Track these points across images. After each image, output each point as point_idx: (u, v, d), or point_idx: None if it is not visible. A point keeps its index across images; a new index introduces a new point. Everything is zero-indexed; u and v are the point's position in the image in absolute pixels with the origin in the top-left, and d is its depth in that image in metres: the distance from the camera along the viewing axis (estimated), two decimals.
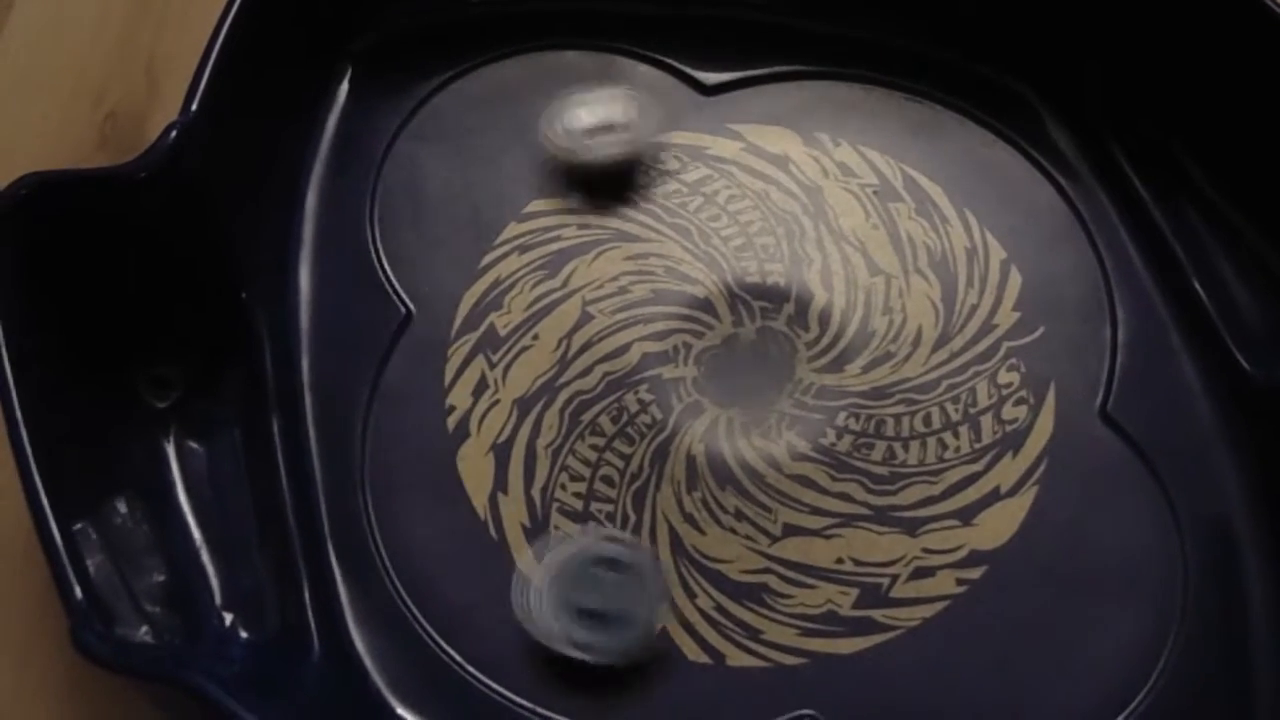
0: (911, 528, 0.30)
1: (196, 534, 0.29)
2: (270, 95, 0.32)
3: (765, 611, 0.29)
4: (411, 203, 0.33)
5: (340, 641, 0.29)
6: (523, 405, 0.31)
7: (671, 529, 0.30)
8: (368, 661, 0.29)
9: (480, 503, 0.30)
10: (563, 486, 0.31)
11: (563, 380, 0.32)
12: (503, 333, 0.32)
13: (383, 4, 0.35)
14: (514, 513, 0.30)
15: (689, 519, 0.30)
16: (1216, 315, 0.32)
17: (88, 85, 0.36)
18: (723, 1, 0.35)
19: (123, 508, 0.28)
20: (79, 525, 0.26)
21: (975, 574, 0.30)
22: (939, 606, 0.30)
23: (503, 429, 0.31)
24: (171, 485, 0.29)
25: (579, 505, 0.30)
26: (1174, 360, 0.32)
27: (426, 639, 0.29)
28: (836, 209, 0.34)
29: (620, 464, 0.31)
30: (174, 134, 0.28)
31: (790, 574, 0.30)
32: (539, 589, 0.28)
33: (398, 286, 0.32)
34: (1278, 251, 0.32)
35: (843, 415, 0.32)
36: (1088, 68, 0.35)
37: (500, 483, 0.31)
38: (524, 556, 0.30)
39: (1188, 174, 0.33)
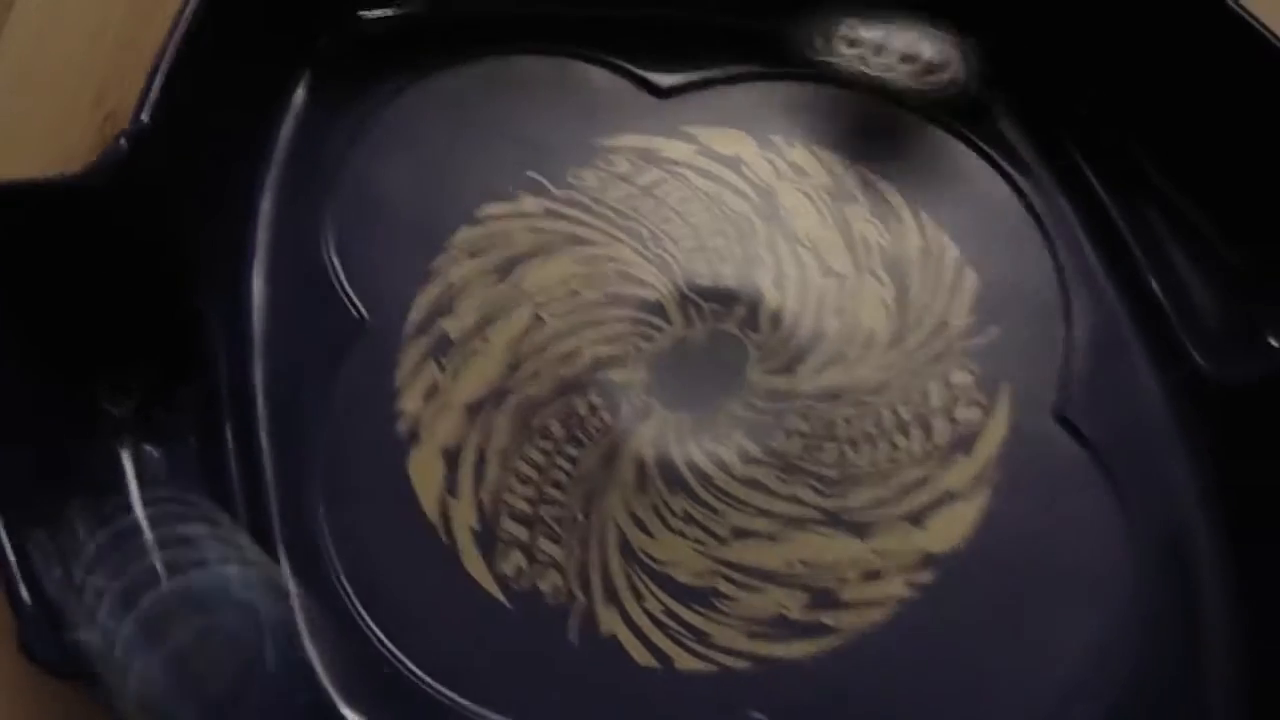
0: (862, 531, 0.30)
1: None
2: (224, 102, 0.32)
3: (714, 615, 0.29)
4: (365, 208, 0.34)
5: (292, 648, 0.29)
6: (473, 409, 0.31)
7: (620, 532, 0.30)
8: (317, 665, 0.29)
9: (430, 507, 0.30)
10: (511, 490, 0.31)
11: (513, 384, 0.32)
12: (454, 337, 0.32)
13: (338, 11, 0.35)
14: (464, 517, 0.30)
15: (638, 522, 0.30)
16: (1173, 314, 0.32)
17: (88, 85, 0.36)
18: (677, 3, 0.35)
19: (77, 514, 0.28)
20: (33, 531, 0.27)
21: (927, 577, 0.30)
22: (890, 610, 0.29)
23: (453, 433, 0.31)
24: (127, 492, 0.30)
25: (528, 509, 0.30)
26: (1130, 359, 0.32)
27: (376, 643, 0.29)
28: (790, 210, 0.34)
29: (569, 467, 0.31)
30: (124, 142, 0.29)
31: (740, 577, 0.30)
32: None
33: (350, 292, 0.32)
34: (1235, 249, 0.31)
35: (793, 418, 0.31)
36: (1042, 67, 0.34)
37: (450, 487, 0.31)
38: (473, 560, 0.30)
39: (1145, 172, 0.33)
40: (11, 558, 0.26)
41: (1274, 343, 0.30)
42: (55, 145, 0.35)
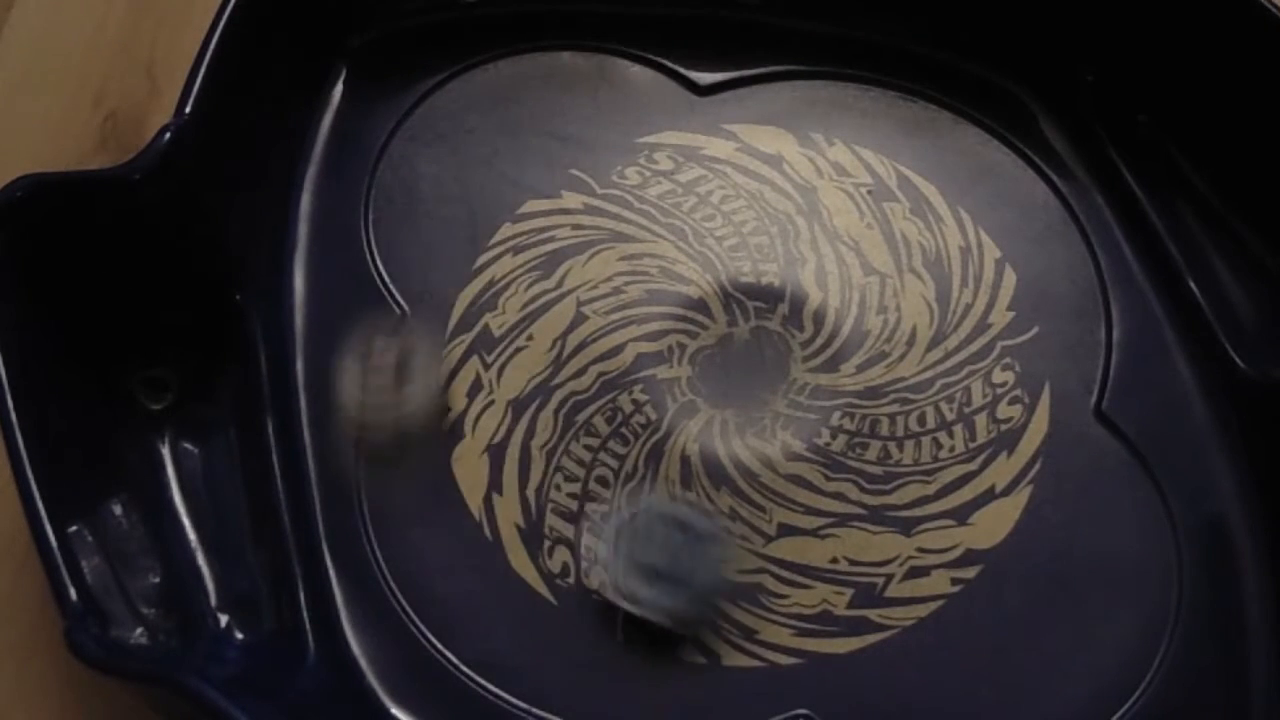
0: (906, 527, 0.30)
1: (192, 535, 0.29)
2: (265, 97, 0.32)
3: (760, 611, 0.30)
4: (406, 203, 0.33)
5: (335, 643, 0.29)
6: (517, 406, 0.31)
7: None
8: (363, 663, 0.29)
9: (475, 504, 0.30)
10: (557, 487, 0.31)
11: (557, 381, 0.32)
12: (497, 333, 0.32)
13: (378, 5, 0.35)
14: (509, 514, 0.30)
15: None
16: (1211, 313, 0.32)
17: (88, 85, 0.36)
18: (717, 1, 0.35)
19: (118, 510, 0.28)
20: (74, 528, 0.27)
21: (970, 573, 0.30)
22: (934, 606, 0.30)
23: (497, 430, 0.31)
24: (167, 487, 0.29)
25: (573, 505, 0.30)
26: (1169, 359, 0.32)
27: (422, 640, 0.29)
28: (831, 209, 0.34)
29: (615, 464, 0.31)
30: (168, 136, 0.28)
31: (785, 574, 0.30)
32: (607, 539, 0.28)
33: (392, 287, 0.32)
34: (1272, 249, 0.32)
35: (837, 415, 0.32)
36: (1082, 67, 0.35)
37: (495, 483, 0.31)
38: (518, 557, 0.30)
39: (1182, 172, 0.33)
40: (58, 555, 0.25)
41: None
42: (55, 145, 0.35)
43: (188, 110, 0.29)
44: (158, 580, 0.28)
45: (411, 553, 0.30)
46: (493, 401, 0.31)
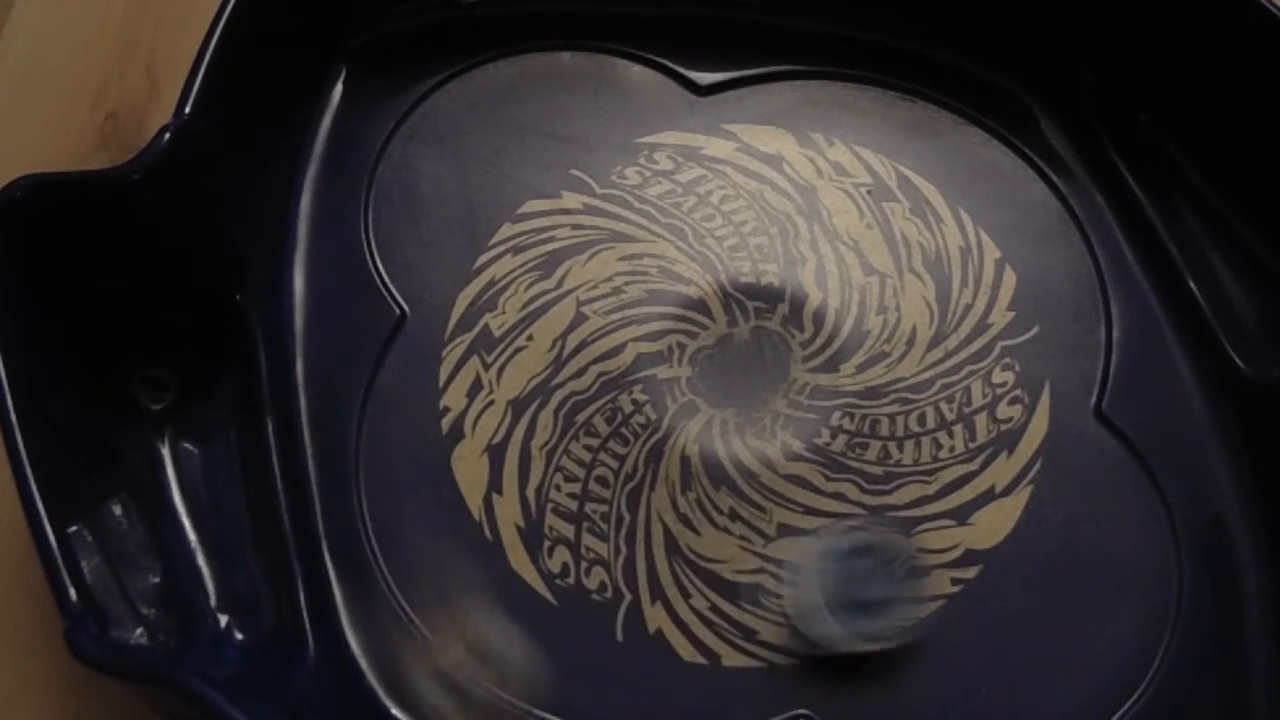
0: (906, 527, 0.30)
1: (192, 536, 0.29)
2: (264, 97, 0.32)
3: (760, 611, 0.30)
4: (406, 204, 0.33)
5: (335, 643, 0.29)
6: (517, 406, 0.31)
7: (666, 529, 0.30)
8: (363, 663, 0.29)
9: (475, 504, 0.30)
10: (557, 487, 0.31)
11: (557, 381, 0.32)
12: (497, 334, 0.32)
13: (377, 5, 0.35)
14: (509, 514, 0.30)
15: (683, 519, 0.30)
16: (1211, 313, 0.32)
17: (88, 85, 0.36)
18: (717, 1, 0.35)
19: (118, 510, 0.28)
20: (74, 528, 0.27)
21: (970, 573, 0.30)
22: (934, 606, 0.30)
23: (497, 430, 0.31)
24: (167, 487, 0.29)
25: (573, 506, 0.30)
26: (1168, 359, 0.32)
27: (422, 641, 0.29)
28: (831, 209, 0.34)
29: (615, 464, 0.31)
30: (167, 136, 0.28)
31: (786, 574, 0.30)
32: (810, 597, 0.28)
33: (392, 288, 0.32)
34: (1272, 249, 0.32)
35: (837, 415, 0.32)
36: (1082, 67, 0.35)
37: (495, 484, 0.31)
38: (518, 557, 0.30)
39: (1182, 172, 0.33)
40: (58, 555, 0.25)
41: None
42: (55, 145, 0.35)
43: (188, 110, 0.29)
44: (158, 580, 0.28)
45: (411, 553, 0.30)
46: (493, 401, 0.31)
